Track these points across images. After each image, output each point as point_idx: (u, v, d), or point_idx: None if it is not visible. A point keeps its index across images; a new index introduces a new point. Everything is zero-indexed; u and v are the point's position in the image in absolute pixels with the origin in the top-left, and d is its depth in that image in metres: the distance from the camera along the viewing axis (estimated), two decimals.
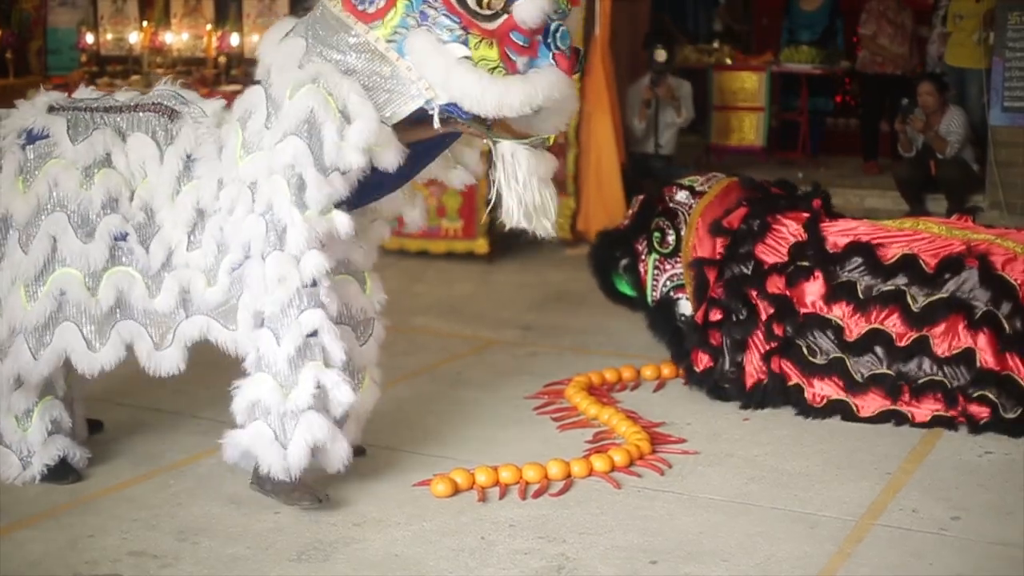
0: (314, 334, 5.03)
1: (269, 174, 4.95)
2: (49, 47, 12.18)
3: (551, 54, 4.90)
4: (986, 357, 6.00)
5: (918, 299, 6.12)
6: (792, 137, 12.72)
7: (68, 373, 5.56)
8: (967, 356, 6.02)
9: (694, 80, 12.48)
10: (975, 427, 5.98)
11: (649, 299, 6.81)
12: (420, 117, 4.99)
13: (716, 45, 13.09)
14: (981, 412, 5.99)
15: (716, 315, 6.42)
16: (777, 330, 6.29)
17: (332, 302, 5.10)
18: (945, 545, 4.90)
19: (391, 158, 4.95)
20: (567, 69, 4.94)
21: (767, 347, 6.32)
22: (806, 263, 6.32)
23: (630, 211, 7.00)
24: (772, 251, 6.40)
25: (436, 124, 4.96)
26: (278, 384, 5.04)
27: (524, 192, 5.11)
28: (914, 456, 5.75)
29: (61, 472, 5.50)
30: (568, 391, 6.54)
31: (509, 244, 9.82)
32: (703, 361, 6.49)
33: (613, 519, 5.15)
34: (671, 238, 6.66)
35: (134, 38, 11.30)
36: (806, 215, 6.47)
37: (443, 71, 4.84)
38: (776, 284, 6.35)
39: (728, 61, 12.69)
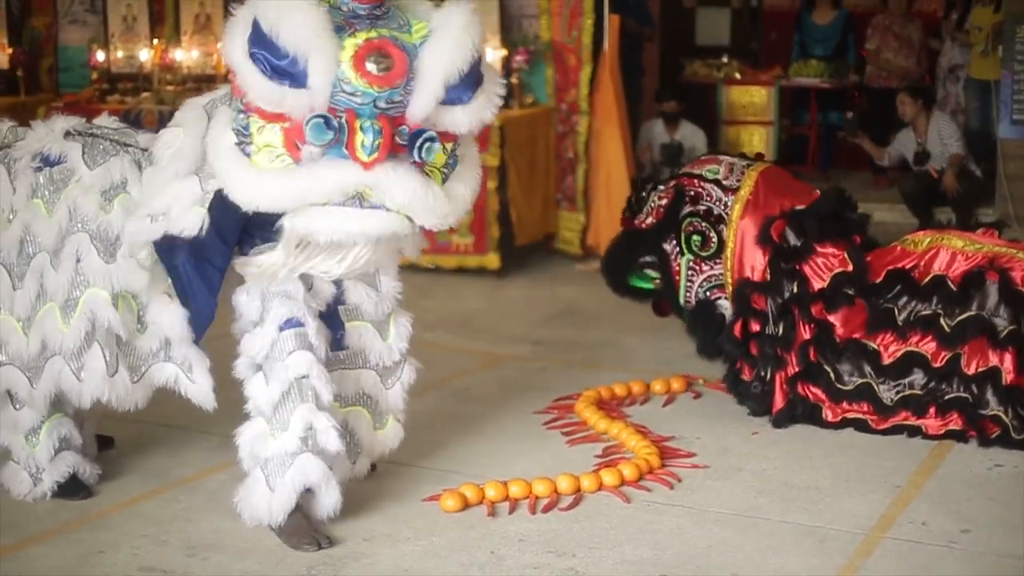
0: (304, 376, 5.00)
1: None
2: (60, 65, 12.19)
3: (344, 146, 4.66)
4: (1010, 376, 6.01)
5: (949, 319, 6.12)
6: (802, 151, 12.72)
7: None
8: (993, 375, 6.03)
9: (703, 95, 12.51)
10: (985, 441, 5.97)
11: (682, 299, 6.66)
12: None
13: (725, 60, 13.10)
14: (992, 428, 5.99)
15: (755, 326, 6.37)
16: (811, 354, 6.28)
17: (321, 344, 5.07)
18: (954, 558, 4.89)
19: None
20: (368, 162, 4.67)
21: (796, 370, 6.29)
22: (849, 291, 6.30)
23: (652, 210, 6.71)
24: (815, 275, 6.35)
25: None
26: (268, 427, 5.02)
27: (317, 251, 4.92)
28: (923, 469, 5.75)
29: (72, 488, 5.52)
30: (578, 406, 6.54)
31: (520, 259, 9.84)
32: (747, 372, 6.49)
33: (623, 533, 5.15)
34: (713, 241, 6.50)
35: (144, 55, 11.30)
36: (847, 245, 6.39)
37: (215, 160, 4.86)
38: (817, 308, 6.32)
39: (737, 75, 12.71)
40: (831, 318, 6.29)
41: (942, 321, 6.13)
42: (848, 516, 5.27)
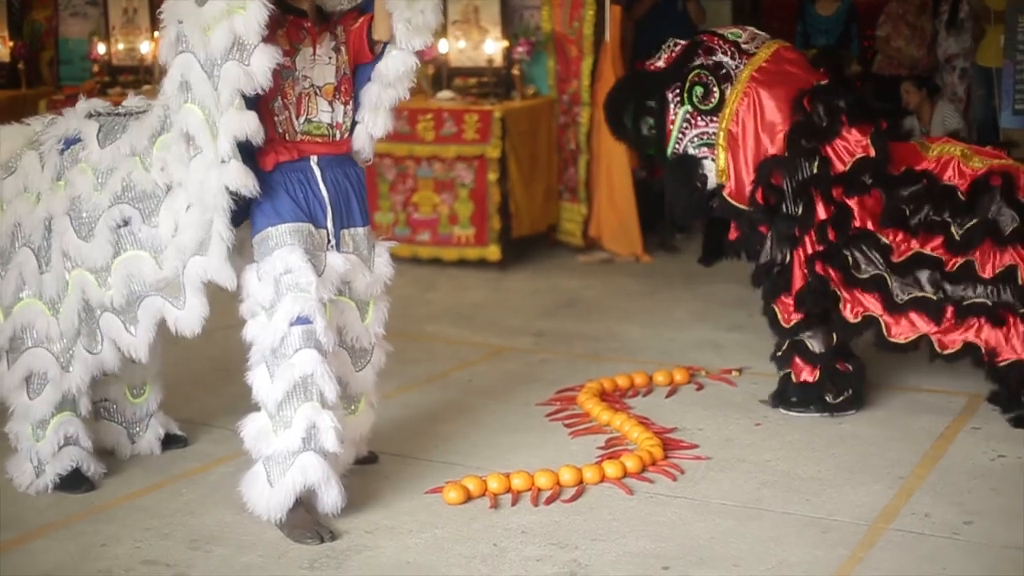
0: (310, 375, 4.98)
1: None
2: (61, 57, 12.21)
3: None
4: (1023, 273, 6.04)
5: (959, 228, 6.10)
6: None
7: (130, 388, 5.84)
8: (1010, 274, 6.03)
9: None
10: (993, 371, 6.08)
11: (670, 151, 6.57)
12: None
13: None
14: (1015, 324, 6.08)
15: (771, 199, 6.30)
16: (830, 235, 6.21)
17: (329, 341, 5.06)
18: (958, 549, 4.89)
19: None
20: None
21: (815, 249, 6.23)
22: (867, 179, 6.22)
23: (665, 55, 6.66)
24: (837, 158, 6.26)
25: None
26: (271, 424, 5.02)
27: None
28: (927, 460, 5.74)
29: (74, 482, 5.53)
30: (580, 397, 6.53)
31: (522, 251, 9.83)
32: (733, 233, 6.49)
33: (625, 525, 5.14)
34: (715, 96, 6.43)
35: (145, 48, 11.30)
36: (871, 130, 6.27)
37: None
38: (837, 191, 6.24)
39: None
40: (849, 203, 6.24)
41: (952, 229, 6.11)
42: (851, 507, 5.27)
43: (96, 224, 5.26)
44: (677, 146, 6.53)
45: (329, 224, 5.19)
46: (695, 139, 6.49)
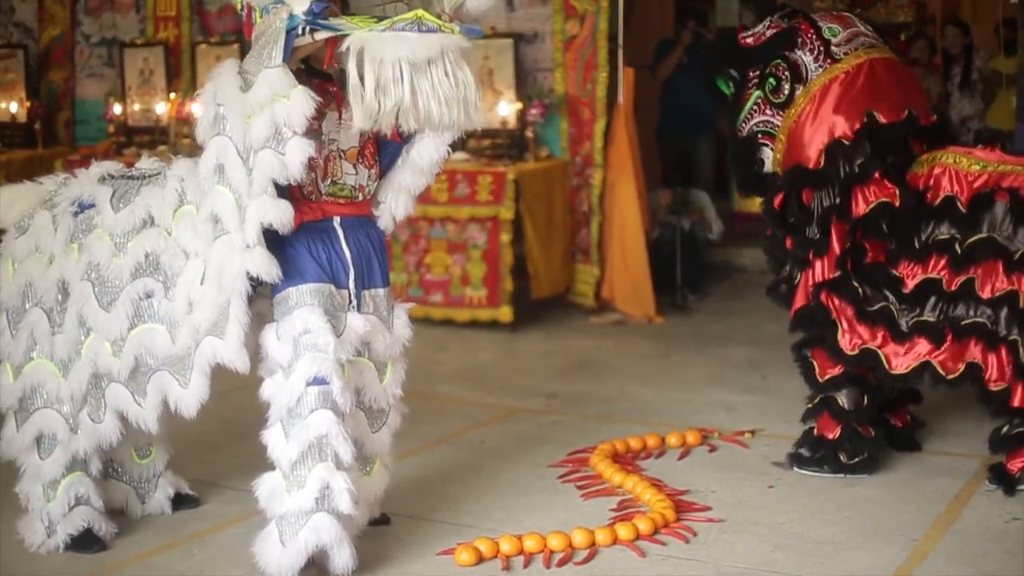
0: (325, 436, 4.98)
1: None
2: (77, 118, 12.31)
3: None
4: None
5: (961, 243, 6.01)
6: None
7: (136, 449, 5.84)
8: (1010, 299, 5.92)
9: (716, 145, 12.53)
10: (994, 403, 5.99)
11: (737, 124, 6.55)
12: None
13: None
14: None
15: (794, 217, 6.25)
16: (846, 266, 6.15)
17: (346, 402, 5.07)
18: None
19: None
20: None
21: (824, 277, 6.17)
22: (883, 224, 6.14)
23: (756, 33, 6.53)
24: (862, 197, 6.15)
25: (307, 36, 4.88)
26: (285, 483, 5.02)
27: (395, 89, 4.75)
28: (940, 523, 5.72)
29: (86, 542, 5.51)
30: (592, 459, 6.52)
31: (534, 312, 9.84)
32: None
33: None
34: (785, 91, 6.34)
35: (161, 109, 11.40)
36: (900, 182, 6.17)
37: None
38: (850, 229, 6.19)
39: None
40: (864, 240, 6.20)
41: (956, 245, 6.01)
42: (865, 570, 5.24)
43: (119, 295, 5.27)
44: (743, 124, 6.50)
45: (351, 285, 5.20)
46: (759, 124, 6.45)
